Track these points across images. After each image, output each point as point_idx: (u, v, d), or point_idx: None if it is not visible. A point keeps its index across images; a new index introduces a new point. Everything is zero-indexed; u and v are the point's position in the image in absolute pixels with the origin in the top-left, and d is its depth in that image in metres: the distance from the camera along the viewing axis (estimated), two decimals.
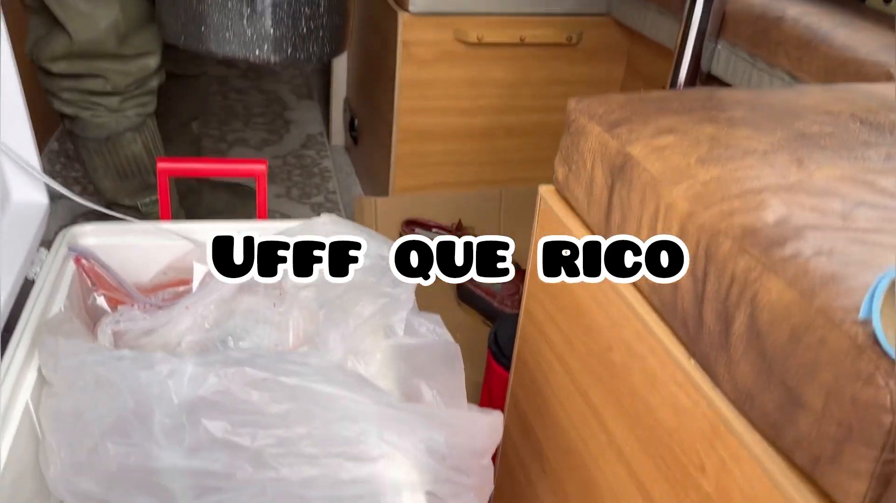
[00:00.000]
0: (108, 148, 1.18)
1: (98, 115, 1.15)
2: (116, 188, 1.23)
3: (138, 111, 1.18)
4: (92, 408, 0.62)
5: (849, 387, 0.42)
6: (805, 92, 0.79)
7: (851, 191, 0.58)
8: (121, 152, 1.19)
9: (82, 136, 1.18)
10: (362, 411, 0.61)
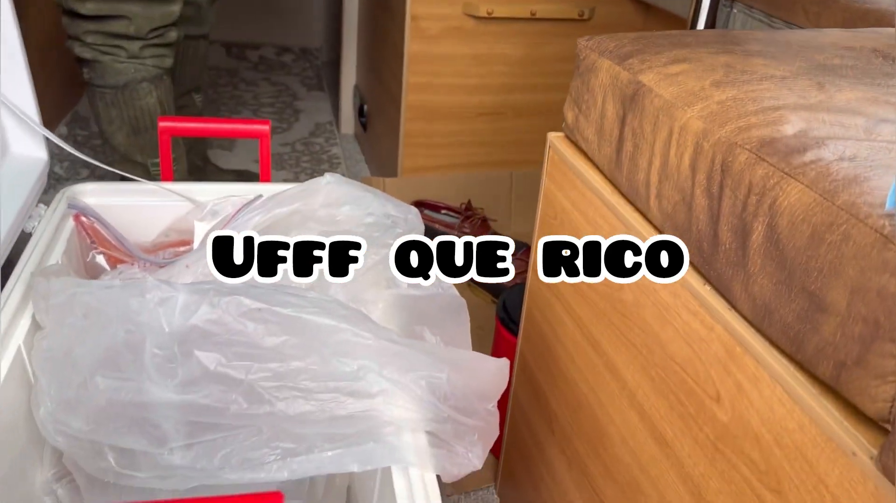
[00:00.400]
0: (125, 97, 1.19)
1: (118, 59, 1.17)
2: (129, 143, 1.22)
3: (156, 62, 1.19)
4: (81, 343, 0.60)
5: (875, 281, 0.39)
6: (826, 33, 0.76)
7: (875, 110, 0.55)
8: (136, 103, 1.19)
9: (100, 84, 1.18)
10: (362, 345, 0.59)
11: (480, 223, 1.48)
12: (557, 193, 0.77)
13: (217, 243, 0.79)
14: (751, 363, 0.49)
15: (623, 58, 0.67)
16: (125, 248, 0.89)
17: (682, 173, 0.56)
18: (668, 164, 0.58)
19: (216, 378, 0.57)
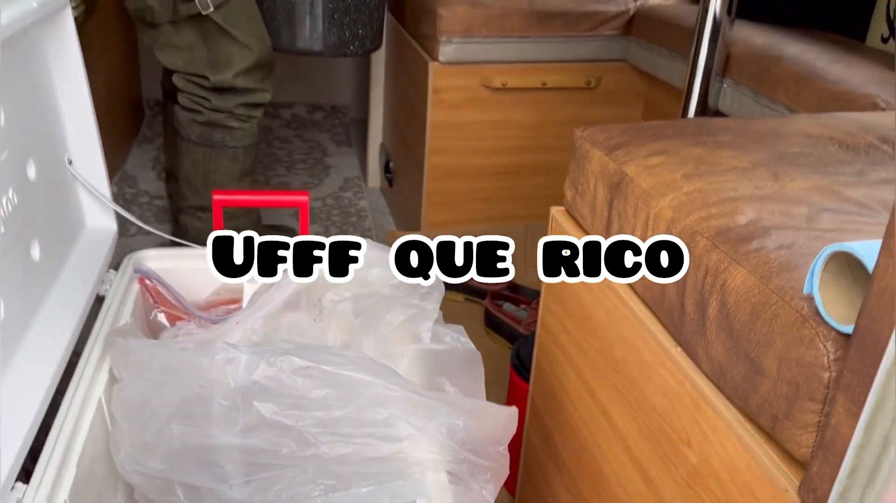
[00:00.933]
0: (247, 153, 1.40)
1: (253, 125, 1.39)
2: (236, 188, 1.42)
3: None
4: (158, 395, 0.72)
5: (795, 352, 0.50)
6: (791, 119, 0.88)
7: (820, 199, 0.66)
8: (250, 156, 1.42)
9: (231, 146, 1.38)
10: (391, 397, 0.70)
11: None
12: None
13: (217, 243, 0.83)
14: (712, 414, 0.59)
15: (611, 149, 0.78)
16: (183, 307, 1.02)
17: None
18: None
19: (271, 425, 0.69)
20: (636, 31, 1.54)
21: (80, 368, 0.83)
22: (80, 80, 0.94)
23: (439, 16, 1.46)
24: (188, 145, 1.40)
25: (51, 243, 0.87)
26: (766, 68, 1.17)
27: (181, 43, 1.33)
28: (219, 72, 1.34)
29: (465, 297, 1.59)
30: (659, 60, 1.46)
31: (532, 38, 1.51)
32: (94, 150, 0.98)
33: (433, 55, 1.52)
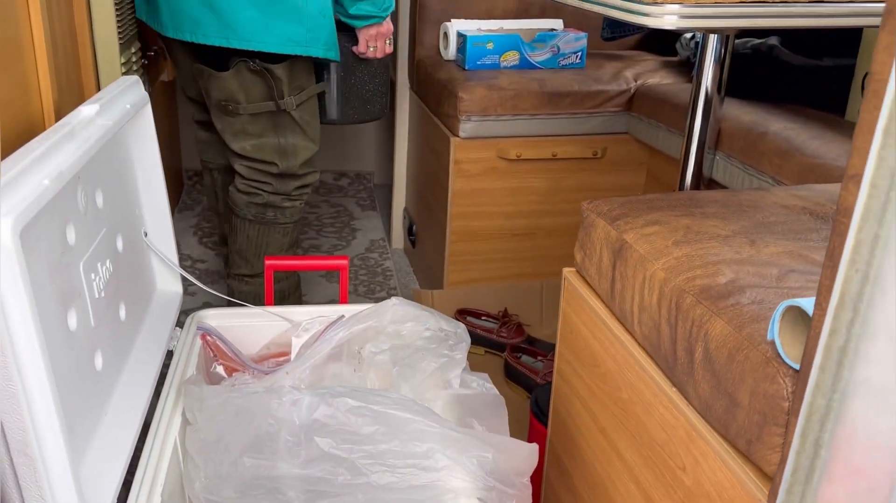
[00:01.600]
0: (295, 227, 1.59)
1: (303, 202, 1.58)
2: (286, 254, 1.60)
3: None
4: (232, 433, 0.85)
5: (762, 387, 0.62)
6: (770, 192, 1.01)
7: (789, 262, 0.79)
8: (297, 232, 1.62)
9: (288, 222, 1.56)
10: (430, 432, 0.82)
11: (516, 328, 1.71)
12: (572, 315, 1.01)
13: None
14: (701, 442, 0.71)
15: (613, 219, 0.92)
16: (240, 360, 1.15)
17: (653, 308, 0.80)
18: (644, 301, 0.82)
19: (328, 457, 0.81)
20: (636, 107, 1.70)
21: (158, 413, 0.96)
22: (156, 165, 1.09)
23: (460, 98, 1.63)
24: (244, 223, 1.54)
25: (133, 305, 1.01)
26: (752, 143, 1.31)
27: (254, 132, 1.47)
28: (286, 160, 1.49)
29: (486, 350, 1.71)
30: (658, 134, 1.61)
31: (543, 115, 1.67)
32: (166, 222, 1.13)
33: (454, 131, 1.68)
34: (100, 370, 0.86)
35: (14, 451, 0.62)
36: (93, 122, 0.85)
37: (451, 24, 1.86)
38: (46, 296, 0.71)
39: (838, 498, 0.46)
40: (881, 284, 0.42)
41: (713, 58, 1.28)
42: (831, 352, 0.45)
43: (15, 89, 0.88)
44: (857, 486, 0.45)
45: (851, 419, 0.45)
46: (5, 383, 0.60)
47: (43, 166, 0.69)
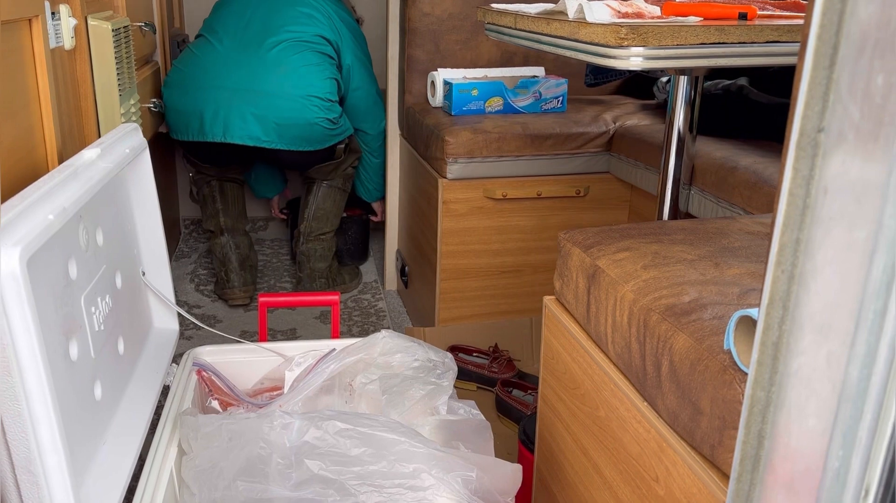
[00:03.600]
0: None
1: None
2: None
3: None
4: (226, 458, 0.88)
5: (722, 393, 0.66)
6: (736, 220, 1.07)
7: (750, 281, 0.84)
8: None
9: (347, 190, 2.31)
10: (416, 453, 0.86)
11: (507, 363, 1.75)
12: (552, 340, 1.05)
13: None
14: (671, 452, 0.75)
15: (587, 247, 0.97)
16: (234, 394, 1.18)
17: (623, 327, 0.84)
18: (615, 321, 0.86)
19: (319, 479, 0.84)
20: (615, 147, 1.77)
21: (155, 444, 0.99)
22: (153, 208, 1.15)
23: (446, 142, 1.70)
24: (334, 190, 2.22)
25: (131, 340, 1.05)
26: (724, 177, 1.37)
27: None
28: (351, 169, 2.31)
29: (478, 386, 1.74)
30: (637, 172, 1.68)
31: (526, 157, 1.74)
32: (163, 263, 1.18)
33: (442, 173, 1.74)
34: (99, 400, 0.90)
35: (18, 468, 0.66)
36: (94, 165, 0.91)
37: (437, 73, 1.94)
38: (50, 324, 0.75)
39: (781, 481, 0.50)
40: (805, 283, 0.47)
41: (684, 99, 1.35)
42: (766, 348, 0.50)
43: (21, 135, 0.94)
44: (795, 468, 0.49)
45: (787, 407, 0.49)
46: (11, 402, 0.64)
47: (48, 202, 0.75)
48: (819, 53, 0.44)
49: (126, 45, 1.47)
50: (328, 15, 2.11)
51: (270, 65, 2.00)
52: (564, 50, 1.15)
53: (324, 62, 2.06)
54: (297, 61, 2.02)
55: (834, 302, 0.45)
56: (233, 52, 2.04)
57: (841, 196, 0.45)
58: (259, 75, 1.99)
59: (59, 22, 1.12)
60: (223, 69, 2.01)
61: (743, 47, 1.04)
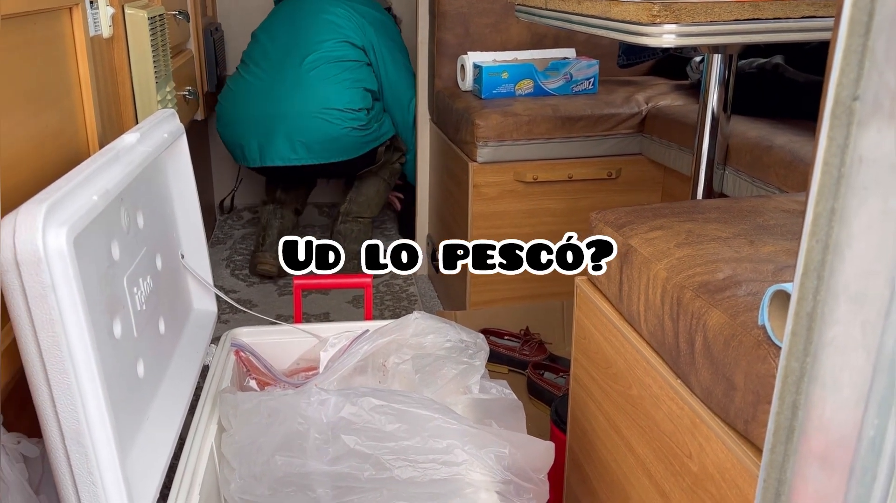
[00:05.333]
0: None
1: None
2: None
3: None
4: (265, 434, 0.90)
5: (756, 368, 0.66)
6: (771, 199, 1.06)
7: (785, 259, 0.83)
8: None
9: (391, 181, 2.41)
10: (449, 429, 0.87)
11: (538, 346, 1.75)
12: (584, 320, 1.06)
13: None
14: (704, 428, 0.75)
15: (619, 226, 0.97)
16: (271, 374, 1.21)
17: (656, 306, 0.84)
18: (648, 300, 0.87)
19: (355, 454, 0.86)
20: (648, 129, 1.75)
21: (195, 422, 1.02)
22: (191, 191, 1.17)
23: (477, 125, 1.70)
24: (379, 180, 2.33)
25: (171, 321, 1.08)
26: (758, 157, 1.36)
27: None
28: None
29: (509, 369, 1.75)
30: (670, 153, 1.66)
31: (557, 139, 1.73)
32: (201, 246, 1.21)
33: (472, 157, 1.74)
34: (142, 377, 0.92)
35: (68, 440, 0.69)
36: (134, 149, 0.93)
37: (467, 57, 1.94)
38: (95, 302, 0.78)
39: (814, 452, 0.50)
40: (839, 252, 0.47)
41: (717, 78, 1.34)
42: (801, 318, 0.50)
43: (64, 120, 0.97)
44: (830, 439, 0.49)
45: (822, 378, 0.49)
46: (60, 375, 0.67)
47: (91, 185, 0.77)
48: (854, 20, 0.44)
49: (161, 34, 1.50)
50: (350, 16, 2.16)
51: (290, 86, 2.12)
52: (596, 29, 1.15)
53: (346, 70, 2.14)
54: (316, 76, 2.12)
55: (869, 271, 0.45)
56: (258, 81, 2.19)
57: (876, 165, 0.44)
58: (281, 97, 2.12)
59: (97, 11, 1.15)
60: (253, 99, 2.16)
61: (778, 23, 1.03)
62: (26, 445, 0.82)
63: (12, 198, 0.80)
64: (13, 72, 0.83)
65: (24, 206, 0.67)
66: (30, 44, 0.88)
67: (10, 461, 0.79)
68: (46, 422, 0.69)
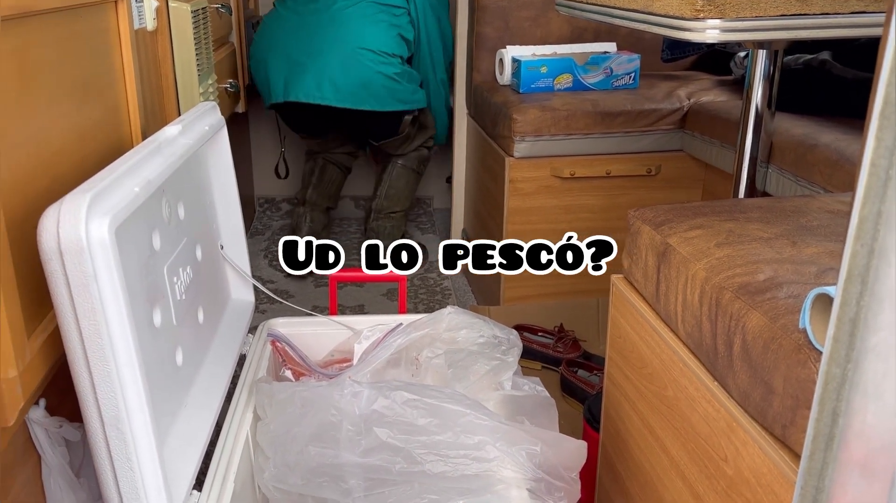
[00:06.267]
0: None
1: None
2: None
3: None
4: (299, 424, 0.91)
5: (795, 372, 0.65)
6: (815, 198, 1.03)
7: (828, 261, 0.81)
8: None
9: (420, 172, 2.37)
10: (481, 425, 0.87)
11: (572, 343, 1.74)
12: (620, 319, 1.05)
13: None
14: (741, 432, 0.74)
15: (658, 225, 0.96)
16: (306, 365, 1.22)
17: (694, 306, 0.83)
18: (686, 300, 0.85)
19: (387, 446, 0.87)
20: (690, 125, 1.72)
21: (231, 410, 1.04)
22: (231, 184, 1.19)
23: (514, 119, 1.69)
24: (408, 171, 2.29)
25: (210, 310, 1.10)
26: (803, 155, 1.32)
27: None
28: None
29: (542, 366, 1.74)
30: (712, 150, 1.63)
31: (596, 135, 1.71)
32: (240, 237, 1.23)
33: (509, 151, 1.74)
34: (180, 366, 0.94)
35: (108, 426, 0.70)
36: (176, 141, 0.95)
37: (506, 51, 1.93)
38: (136, 291, 0.79)
39: (855, 460, 0.49)
40: (886, 257, 0.46)
41: (762, 73, 1.31)
42: (843, 324, 0.48)
43: (108, 111, 0.99)
44: (871, 447, 0.47)
45: (864, 385, 0.48)
46: (101, 363, 0.68)
47: (134, 176, 0.78)
48: None
49: (204, 27, 1.52)
50: None
51: (326, 22, 2.05)
52: (637, 23, 1.13)
53: (385, 13, 2.05)
54: (353, 13, 2.04)
55: None
56: (294, 15, 2.12)
57: None
58: (315, 33, 2.05)
59: (141, 4, 1.17)
60: (286, 34, 2.09)
61: (826, 18, 1.00)
62: (68, 429, 0.84)
63: (57, 188, 0.82)
64: (59, 64, 0.85)
65: (69, 196, 0.68)
66: (76, 36, 0.90)
67: (53, 444, 0.81)
68: (87, 407, 0.70)
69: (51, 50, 0.83)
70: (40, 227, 0.66)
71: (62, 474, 0.83)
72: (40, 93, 0.80)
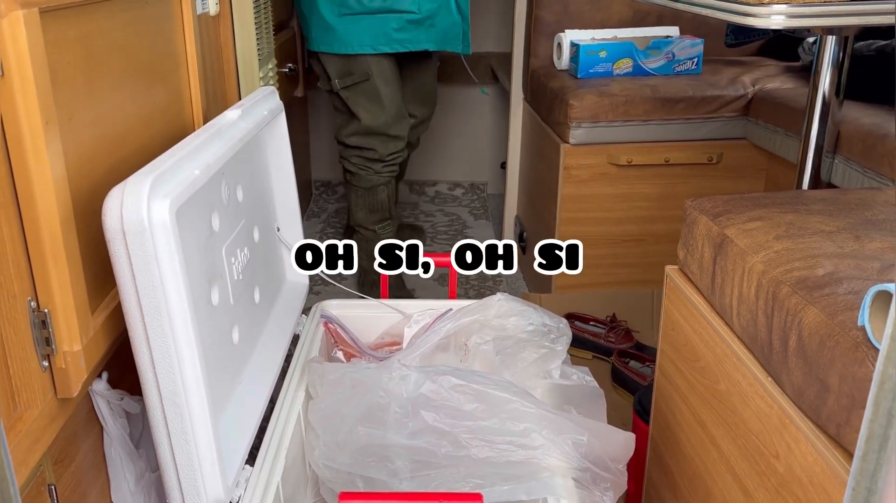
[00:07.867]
0: (369, 194, 1.98)
1: (368, 174, 1.95)
2: (365, 217, 2.00)
3: (389, 173, 1.98)
4: (347, 405, 0.93)
5: (851, 370, 0.63)
6: (881, 192, 0.99)
7: (892, 256, 0.78)
8: (374, 197, 1.99)
9: (356, 185, 1.98)
10: (527, 413, 0.87)
11: (625, 333, 1.72)
12: (673, 311, 1.03)
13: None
14: (793, 429, 0.72)
15: (715, 216, 0.94)
16: (357, 347, 1.24)
17: (751, 300, 0.81)
18: (742, 293, 0.83)
19: (433, 430, 0.88)
20: (754, 112, 1.67)
21: (285, 388, 1.06)
22: (288, 167, 1.21)
23: (570, 105, 1.67)
24: (349, 185, 2.06)
25: (265, 290, 1.13)
26: (872, 145, 1.27)
27: (337, 107, 1.99)
28: (340, 132, 1.97)
29: (594, 355, 1.73)
30: (776, 139, 1.58)
31: (655, 121, 1.68)
32: (296, 220, 1.25)
33: (564, 138, 1.72)
34: (236, 344, 0.97)
35: (166, 400, 0.73)
36: (236, 125, 0.97)
37: (564, 35, 1.91)
38: (195, 271, 0.82)
39: None
40: None
41: (830, 60, 1.26)
42: None
43: (172, 96, 1.02)
44: None
45: None
46: (160, 339, 0.71)
47: (194, 159, 0.81)
48: None
49: (265, 12, 1.54)
50: None
51: None
52: (700, 7, 1.10)
53: None
54: None
55: None
56: None
57: None
58: None
59: None
60: None
61: None
62: (128, 402, 0.87)
63: (121, 169, 0.85)
64: (125, 48, 0.88)
65: (132, 178, 0.71)
66: (141, 21, 0.92)
67: (114, 416, 0.84)
68: (146, 382, 0.73)
69: (117, 36, 0.85)
70: (105, 208, 0.69)
71: (122, 444, 0.87)
72: (106, 77, 0.83)
